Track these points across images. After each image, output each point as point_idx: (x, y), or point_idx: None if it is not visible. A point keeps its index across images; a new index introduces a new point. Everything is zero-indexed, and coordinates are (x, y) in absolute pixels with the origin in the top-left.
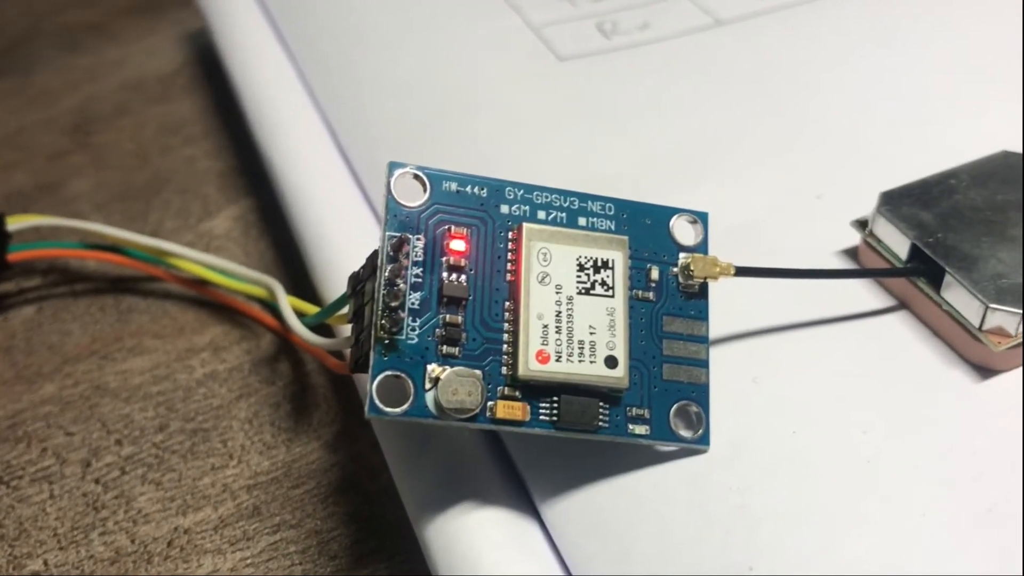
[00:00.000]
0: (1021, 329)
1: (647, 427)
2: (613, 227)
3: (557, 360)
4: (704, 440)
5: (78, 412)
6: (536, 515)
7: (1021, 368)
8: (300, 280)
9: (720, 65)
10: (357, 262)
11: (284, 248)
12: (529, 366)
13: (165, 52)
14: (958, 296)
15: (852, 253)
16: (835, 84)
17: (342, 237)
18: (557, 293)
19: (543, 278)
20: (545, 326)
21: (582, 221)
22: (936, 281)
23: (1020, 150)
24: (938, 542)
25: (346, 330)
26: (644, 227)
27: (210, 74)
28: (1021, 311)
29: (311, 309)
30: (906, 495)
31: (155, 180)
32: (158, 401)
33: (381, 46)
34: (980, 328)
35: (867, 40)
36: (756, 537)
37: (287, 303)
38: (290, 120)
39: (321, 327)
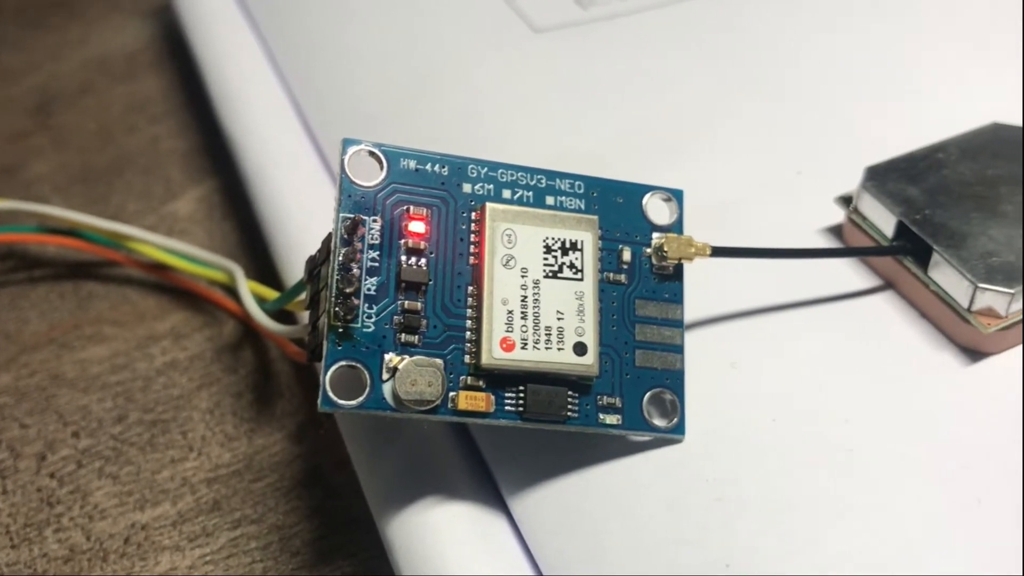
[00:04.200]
0: (1012, 310)
1: (619, 416)
2: (583, 206)
3: (523, 347)
4: (679, 429)
5: (34, 403)
6: (505, 510)
7: (1022, 350)
8: (265, 264)
9: (700, 36)
10: (319, 245)
11: (249, 230)
12: (493, 354)
13: (130, 29)
14: (946, 275)
15: (836, 231)
16: (818, 54)
17: (306, 219)
18: (523, 277)
19: (508, 261)
20: (510, 312)
21: (550, 200)
22: (923, 260)
23: (1013, 122)
24: (924, 536)
25: (306, 316)
26: (615, 206)
27: (175, 51)
28: (1011, 291)
29: (273, 294)
30: (890, 487)
31: (118, 161)
32: (117, 391)
33: (349, 21)
34: (969, 309)
35: (852, 8)
36: (733, 532)
37: (247, 288)
38: (255, 97)
39: (283, 313)
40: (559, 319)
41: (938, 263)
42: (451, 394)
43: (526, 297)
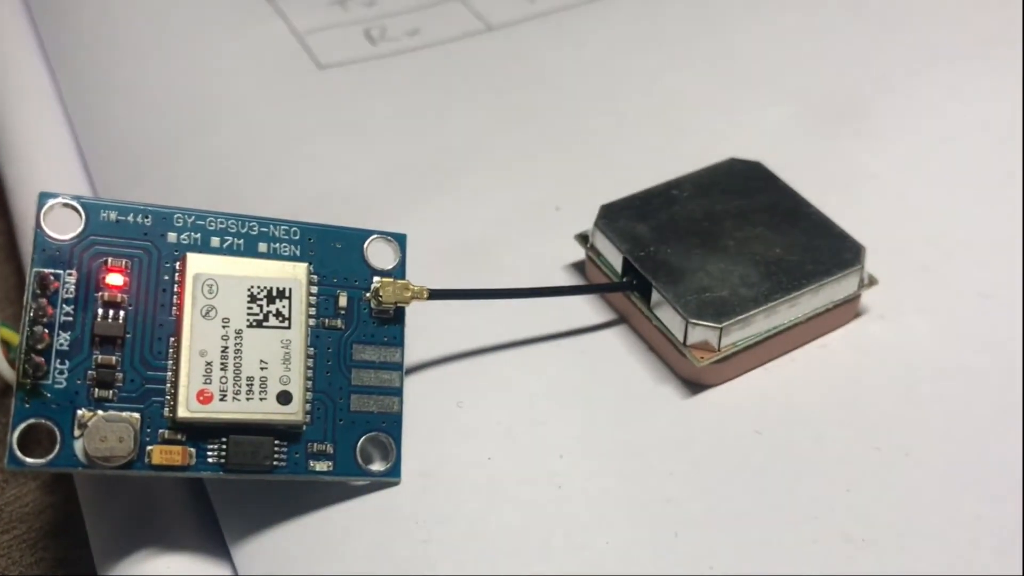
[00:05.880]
0: (725, 343)
1: (330, 463)
2: (299, 252)
3: (221, 400)
4: (395, 472)
5: None
6: (230, 559)
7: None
8: None
9: (483, 72)
10: None
11: None
12: (189, 407)
13: None
14: (664, 311)
15: (580, 267)
16: (591, 90)
17: None
18: (224, 327)
19: (208, 312)
20: (209, 363)
21: (263, 247)
22: (647, 295)
23: (752, 157)
24: (622, 570)
25: None
26: (334, 252)
27: None
28: (719, 326)
29: None
30: (593, 522)
31: None
32: None
33: (136, 54)
34: (684, 343)
35: (629, 44)
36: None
37: None
38: (35, 133)
39: None
40: (263, 368)
41: (658, 298)
42: (148, 448)
43: (227, 348)
